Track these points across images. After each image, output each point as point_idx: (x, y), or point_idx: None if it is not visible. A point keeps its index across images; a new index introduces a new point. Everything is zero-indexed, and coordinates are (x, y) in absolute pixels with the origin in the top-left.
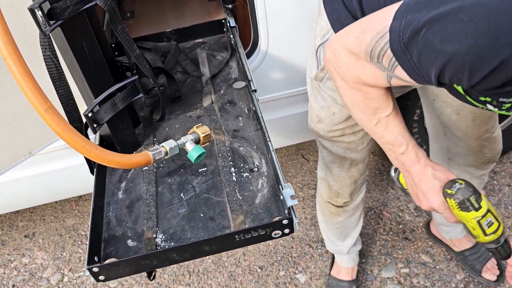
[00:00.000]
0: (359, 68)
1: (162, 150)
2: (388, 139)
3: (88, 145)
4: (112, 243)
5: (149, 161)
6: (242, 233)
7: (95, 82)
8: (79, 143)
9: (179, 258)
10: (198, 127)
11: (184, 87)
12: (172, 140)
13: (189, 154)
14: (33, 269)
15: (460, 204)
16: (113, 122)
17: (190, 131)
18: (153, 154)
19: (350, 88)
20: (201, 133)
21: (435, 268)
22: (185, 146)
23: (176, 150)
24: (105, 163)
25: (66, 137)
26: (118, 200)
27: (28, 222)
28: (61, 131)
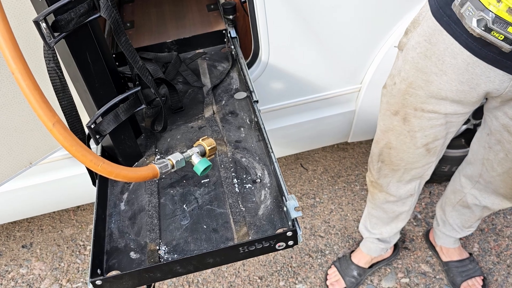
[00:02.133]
0: None
1: (168, 163)
2: None
3: (95, 159)
4: (115, 255)
5: (156, 174)
6: (246, 245)
7: (98, 93)
8: (87, 157)
9: (183, 270)
10: (204, 139)
11: (185, 98)
12: (178, 153)
13: (195, 167)
14: (30, 280)
15: None
16: (115, 133)
17: (195, 144)
18: (160, 168)
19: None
20: (207, 146)
21: (435, 278)
22: (191, 159)
23: (183, 163)
24: (112, 177)
25: (73, 151)
26: (120, 212)
27: (25, 232)
28: (69, 145)
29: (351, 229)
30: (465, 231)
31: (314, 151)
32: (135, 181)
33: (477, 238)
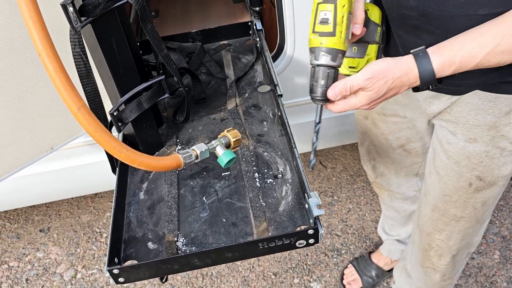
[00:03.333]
0: None
1: (192, 154)
2: None
3: (119, 146)
4: (133, 245)
5: (179, 164)
6: (266, 241)
7: (122, 81)
8: (111, 144)
9: (201, 263)
10: (229, 131)
11: (208, 89)
12: (202, 144)
13: (219, 159)
14: (47, 264)
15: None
16: (137, 121)
17: (220, 135)
18: (184, 158)
19: None
20: (232, 138)
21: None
22: (215, 150)
23: (207, 154)
24: (135, 165)
25: (97, 137)
26: (140, 201)
27: (43, 217)
28: (93, 130)
29: (368, 230)
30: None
31: (334, 148)
32: (158, 170)
33: (499, 245)
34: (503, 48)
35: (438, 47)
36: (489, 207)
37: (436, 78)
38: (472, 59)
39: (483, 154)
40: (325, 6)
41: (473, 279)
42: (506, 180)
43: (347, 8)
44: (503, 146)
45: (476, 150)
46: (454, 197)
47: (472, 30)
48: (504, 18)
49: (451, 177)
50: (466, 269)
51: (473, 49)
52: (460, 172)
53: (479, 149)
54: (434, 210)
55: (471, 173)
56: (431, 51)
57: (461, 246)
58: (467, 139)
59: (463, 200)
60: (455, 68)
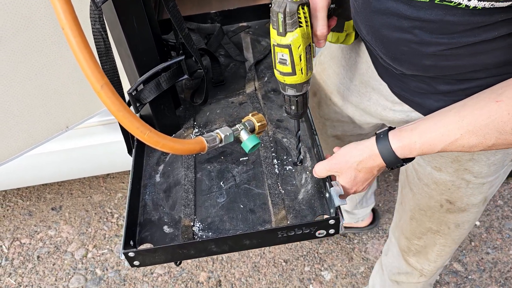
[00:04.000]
0: None
1: (216, 138)
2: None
3: (142, 127)
4: (148, 228)
5: (203, 148)
6: (286, 230)
7: (142, 60)
8: (134, 124)
9: (218, 250)
10: (253, 115)
11: (226, 72)
12: (227, 127)
13: (244, 144)
14: (58, 242)
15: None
16: (155, 102)
17: (244, 119)
18: (208, 141)
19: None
20: (257, 122)
21: (466, 278)
22: (240, 135)
23: (231, 138)
24: (158, 147)
25: (120, 116)
26: (156, 184)
27: (55, 195)
28: (116, 109)
29: (382, 220)
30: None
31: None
32: (181, 154)
33: None
34: (462, 142)
35: (399, 130)
36: (465, 231)
37: (403, 159)
38: (431, 147)
39: (449, 183)
40: (280, 50)
41: (488, 274)
42: (479, 207)
43: (303, 46)
44: (468, 179)
45: (442, 178)
46: (428, 213)
47: (437, 116)
48: (466, 111)
49: (423, 196)
50: (481, 264)
51: (432, 140)
52: (430, 193)
53: (445, 178)
54: (412, 219)
55: (441, 196)
56: (392, 135)
57: (439, 257)
58: (433, 166)
59: (437, 217)
60: (417, 153)
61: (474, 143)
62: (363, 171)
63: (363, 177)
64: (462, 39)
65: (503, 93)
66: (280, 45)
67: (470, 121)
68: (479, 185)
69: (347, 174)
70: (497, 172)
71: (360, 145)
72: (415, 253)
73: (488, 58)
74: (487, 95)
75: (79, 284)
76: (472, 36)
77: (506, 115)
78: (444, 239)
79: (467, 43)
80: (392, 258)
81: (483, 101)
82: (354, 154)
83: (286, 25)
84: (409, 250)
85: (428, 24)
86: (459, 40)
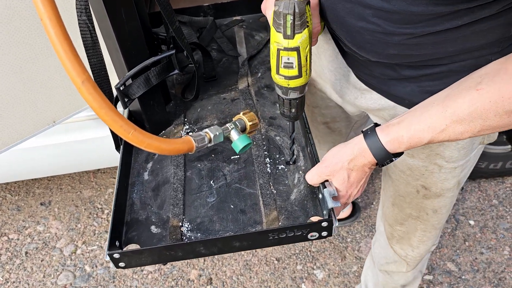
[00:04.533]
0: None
1: (205, 137)
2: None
3: (126, 125)
4: (135, 228)
5: (191, 148)
6: (277, 232)
7: (130, 53)
8: (117, 122)
9: (206, 252)
10: (245, 113)
11: (218, 67)
12: (216, 126)
13: (234, 144)
14: (46, 238)
15: (276, 17)
16: (144, 98)
17: (235, 118)
18: (196, 141)
19: None
20: (248, 121)
21: (460, 278)
22: (230, 135)
23: (221, 138)
24: (142, 147)
25: (102, 114)
26: (144, 182)
27: (45, 190)
28: (98, 106)
29: (375, 218)
30: None
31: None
32: (168, 154)
33: (509, 241)
34: (448, 133)
35: (386, 126)
36: (442, 215)
37: (393, 153)
38: (419, 140)
39: (423, 168)
40: (287, 53)
41: (481, 274)
42: (453, 191)
43: (309, 46)
44: (440, 163)
45: (415, 164)
46: (407, 199)
47: (421, 108)
48: (448, 101)
49: (400, 182)
50: (474, 264)
51: (419, 132)
52: (406, 179)
53: (418, 163)
54: (393, 205)
55: (416, 182)
56: (380, 130)
57: (421, 243)
58: (406, 153)
59: (415, 203)
60: (406, 147)
61: (460, 131)
62: (355, 170)
63: (356, 176)
64: (426, 28)
65: (482, 81)
66: (287, 48)
67: (453, 111)
68: (451, 169)
69: (339, 175)
70: (467, 155)
71: (348, 144)
72: (398, 240)
73: (452, 46)
74: (467, 84)
75: (67, 281)
76: (436, 26)
77: (487, 103)
78: (424, 224)
79: (431, 31)
80: (380, 248)
81: (464, 91)
82: (343, 153)
83: (295, 27)
84: (393, 236)
85: (392, 14)
86: (423, 29)
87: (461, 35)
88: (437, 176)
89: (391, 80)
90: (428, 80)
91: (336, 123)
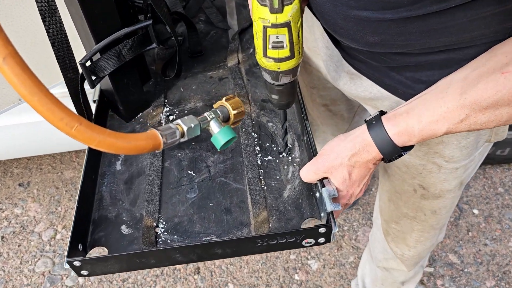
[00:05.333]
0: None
1: (176, 131)
2: None
3: (68, 118)
4: (103, 227)
5: (157, 145)
6: (266, 238)
7: (98, 23)
8: (55, 114)
9: (183, 259)
10: (228, 99)
11: (206, 41)
12: (192, 117)
13: (214, 138)
14: (24, 222)
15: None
16: (116, 75)
17: (216, 105)
18: (164, 136)
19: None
20: (232, 109)
21: (462, 271)
22: (209, 126)
23: (197, 131)
24: (93, 145)
25: (35, 102)
26: (115, 172)
27: (23, 170)
28: (28, 92)
29: (374, 206)
30: None
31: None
32: (127, 153)
33: None
34: (469, 123)
35: (393, 115)
36: (442, 216)
37: (402, 147)
38: (433, 132)
39: (420, 167)
40: (275, 31)
41: (485, 267)
42: (455, 192)
43: (300, 19)
44: (439, 163)
45: (412, 161)
46: (403, 197)
47: (433, 94)
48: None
49: (396, 178)
50: (478, 256)
51: (432, 124)
52: (402, 176)
53: (415, 161)
54: (390, 200)
55: (413, 180)
56: (386, 119)
57: (419, 243)
58: None
59: (411, 202)
60: (417, 140)
61: (484, 122)
62: (357, 167)
63: (359, 174)
64: (408, 12)
65: (510, 62)
66: (275, 25)
67: (474, 99)
68: (452, 170)
69: (339, 173)
70: (471, 155)
71: (349, 136)
72: (393, 238)
73: (445, 35)
74: (490, 65)
75: (46, 268)
76: (419, 9)
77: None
78: (421, 225)
79: (413, 15)
80: (377, 243)
81: (486, 74)
82: (343, 147)
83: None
84: (388, 233)
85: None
86: (404, 14)
87: (454, 22)
88: (436, 176)
89: (380, 67)
90: (423, 70)
91: (336, 106)
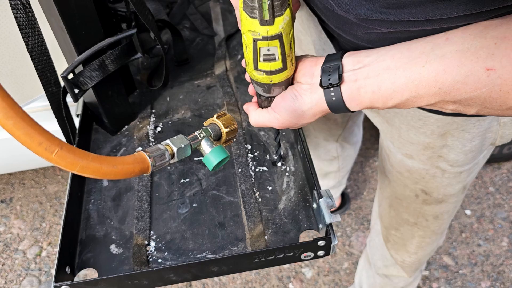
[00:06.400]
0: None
1: (165, 152)
2: None
3: (47, 142)
4: (91, 247)
5: (145, 169)
6: (264, 254)
7: (79, 34)
8: (33, 139)
9: (178, 279)
10: (219, 116)
11: (192, 48)
12: (181, 136)
13: (206, 159)
14: (8, 240)
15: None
16: (100, 87)
17: (207, 122)
18: (153, 158)
19: None
20: (224, 127)
21: (457, 273)
22: (200, 146)
23: (188, 152)
24: (75, 171)
25: (10, 126)
26: (102, 189)
27: (5, 185)
28: (2, 115)
29: (366, 210)
30: None
31: None
32: (113, 178)
33: (507, 231)
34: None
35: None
36: (444, 221)
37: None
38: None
39: (423, 171)
40: (266, 43)
41: (479, 268)
42: (458, 196)
43: (292, 30)
44: (443, 167)
45: (415, 166)
46: (404, 203)
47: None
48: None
49: (398, 184)
50: (472, 257)
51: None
52: (404, 181)
53: (418, 166)
54: (390, 206)
55: (415, 185)
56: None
57: (420, 249)
58: (404, 153)
59: (413, 208)
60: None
61: (450, 109)
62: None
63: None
64: (412, 15)
65: (496, 53)
66: (266, 37)
67: (449, 90)
68: (456, 174)
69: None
70: (475, 158)
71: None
72: (393, 244)
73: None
74: (472, 54)
75: (31, 287)
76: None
77: (497, 91)
78: (423, 231)
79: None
80: (375, 249)
81: (467, 65)
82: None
83: (274, 9)
84: (388, 240)
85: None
86: (406, 16)
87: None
88: (439, 181)
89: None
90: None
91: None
